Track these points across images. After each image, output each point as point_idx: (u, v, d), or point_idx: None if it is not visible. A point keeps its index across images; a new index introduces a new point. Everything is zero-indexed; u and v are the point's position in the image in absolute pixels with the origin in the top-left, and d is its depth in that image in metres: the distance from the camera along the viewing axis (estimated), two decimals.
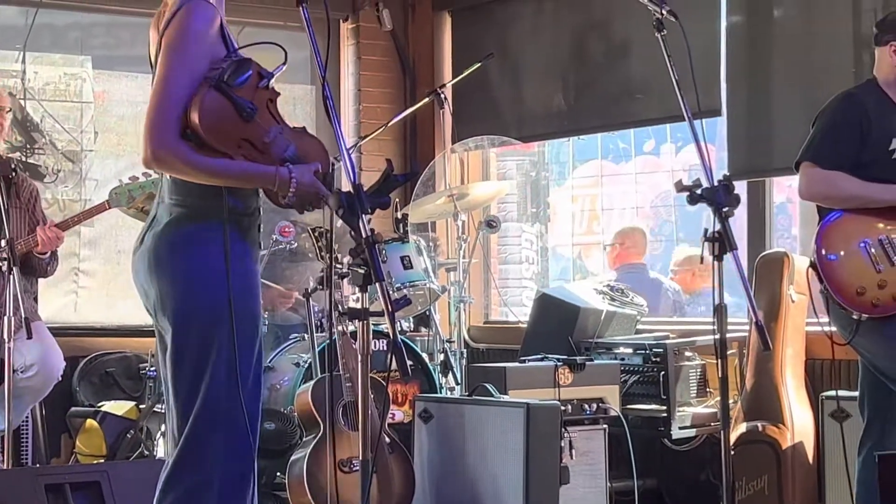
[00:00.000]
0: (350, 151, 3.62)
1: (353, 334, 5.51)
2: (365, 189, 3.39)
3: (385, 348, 6.13)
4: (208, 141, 3.43)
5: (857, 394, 5.05)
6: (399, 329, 3.76)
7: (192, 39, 3.49)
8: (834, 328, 4.84)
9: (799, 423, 5.94)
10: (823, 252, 4.75)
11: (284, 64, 3.68)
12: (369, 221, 3.38)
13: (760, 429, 5.93)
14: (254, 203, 3.66)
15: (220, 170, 3.48)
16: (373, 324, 3.47)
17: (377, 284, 3.31)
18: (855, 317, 4.70)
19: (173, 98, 3.43)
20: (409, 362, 4.06)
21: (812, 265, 4.80)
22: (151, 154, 3.44)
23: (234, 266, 3.54)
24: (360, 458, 3.45)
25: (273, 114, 3.60)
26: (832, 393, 5.55)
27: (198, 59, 3.48)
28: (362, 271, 3.34)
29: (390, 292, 3.50)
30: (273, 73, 3.62)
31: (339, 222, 5.65)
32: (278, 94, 3.66)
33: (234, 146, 3.48)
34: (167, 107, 3.43)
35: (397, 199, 6.54)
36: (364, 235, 3.33)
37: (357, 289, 3.45)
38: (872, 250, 4.71)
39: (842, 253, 4.74)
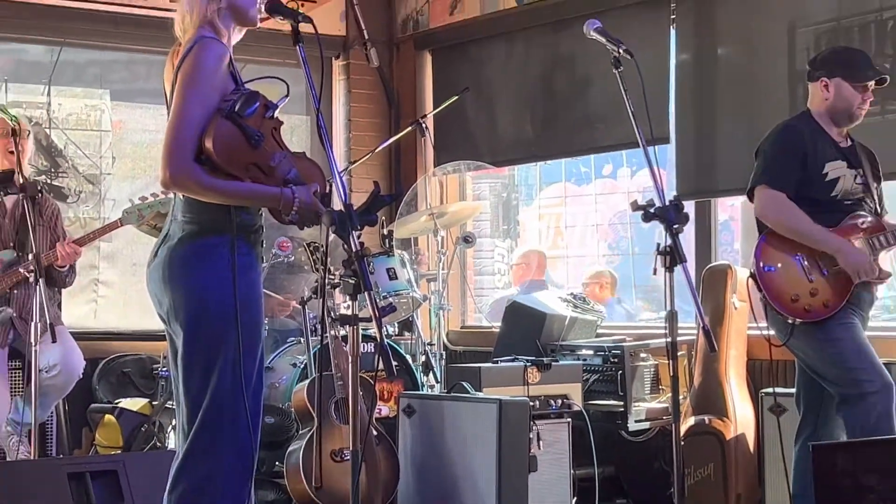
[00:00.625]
0: (341, 174, 3.62)
1: (344, 338, 5.52)
2: (355, 208, 3.41)
3: (373, 350, 6.12)
4: (220, 165, 3.45)
5: (793, 391, 5.07)
6: (385, 333, 3.76)
7: (205, 74, 3.51)
8: (772, 332, 4.86)
9: (741, 416, 5.95)
10: (762, 265, 4.78)
11: (287, 96, 3.70)
12: (359, 237, 3.39)
13: (707, 422, 5.93)
14: (258, 220, 3.67)
15: (231, 191, 3.51)
16: (362, 328, 3.47)
17: (366, 293, 3.32)
18: (790, 321, 4.73)
19: (188, 126, 3.45)
20: (394, 363, 4.08)
21: (752, 276, 4.84)
22: (170, 177, 3.46)
23: (240, 277, 3.54)
24: (351, 448, 3.46)
25: (277, 140, 3.63)
26: (770, 390, 5.55)
27: (210, 91, 3.50)
28: (353, 281, 3.35)
29: (377, 300, 3.49)
30: (277, 105, 3.64)
31: (331, 237, 5.63)
32: (281, 122, 3.68)
33: (243, 170, 3.50)
34: (183, 134, 3.45)
35: (383, 218, 6.55)
36: (354, 249, 3.34)
37: (348, 297, 3.46)
38: (805, 263, 4.74)
39: (778, 265, 4.76)
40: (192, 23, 3.62)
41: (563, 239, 10.27)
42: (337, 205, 3.48)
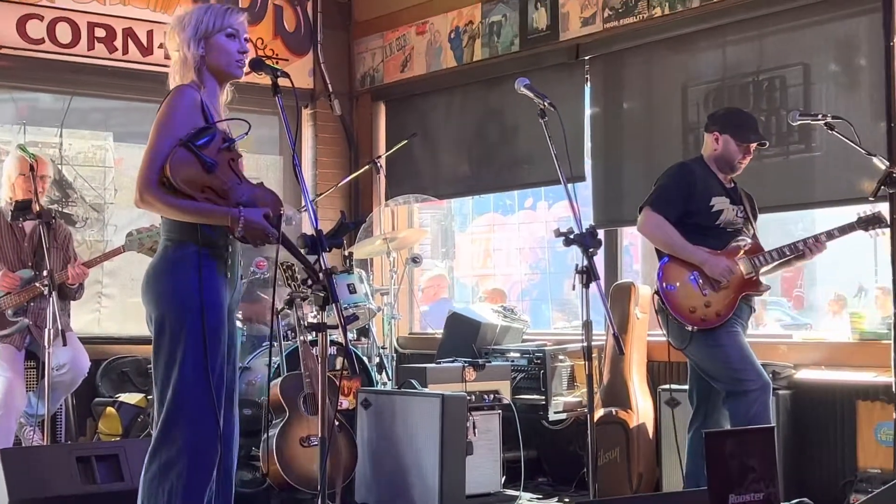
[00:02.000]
0: (312, 204, 3.59)
1: (312, 342, 5.48)
2: (324, 233, 3.38)
3: (335, 353, 6.08)
4: (178, 186, 3.42)
5: (685, 387, 5.08)
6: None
7: (174, 114, 3.51)
8: (669, 339, 4.86)
9: (642, 408, 5.97)
10: (664, 284, 4.81)
11: (246, 133, 3.65)
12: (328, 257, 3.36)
13: (614, 413, 5.94)
14: (224, 238, 3.55)
15: (186, 208, 3.47)
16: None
17: (333, 304, 3.29)
18: (689, 329, 4.75)
19: (155, 156, 3.45)
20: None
21: (656, 293, 4.86)
22: (139, 196, 3.48)
23: (204, 284, 3.48)
24: (319, 435, 3.43)
25: (234, 169, 3.55)
26: (667, 386, 5.60)
27: (178, 128, 3.48)
28: (322, 294, 3.32)
29: (343, 310, 3.44)
30: (234, 140, 3.59)
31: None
32: (240, 155, 3.63)
33: (199, 191, 3.45)
34: (150, 163, 3.46)
35: (345, 241, 6.51)
36: (324, 267, 3.31)
37: (316, 308, 3.43)
38: (700, 280, 4.77)
39: (678, 283, 4.79)
40: (180, 77, 3.64)
41: (491, 260, 10.30)
42: (309, 230, 3.45)
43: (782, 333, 6.07)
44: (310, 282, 3.31)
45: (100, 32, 7.13)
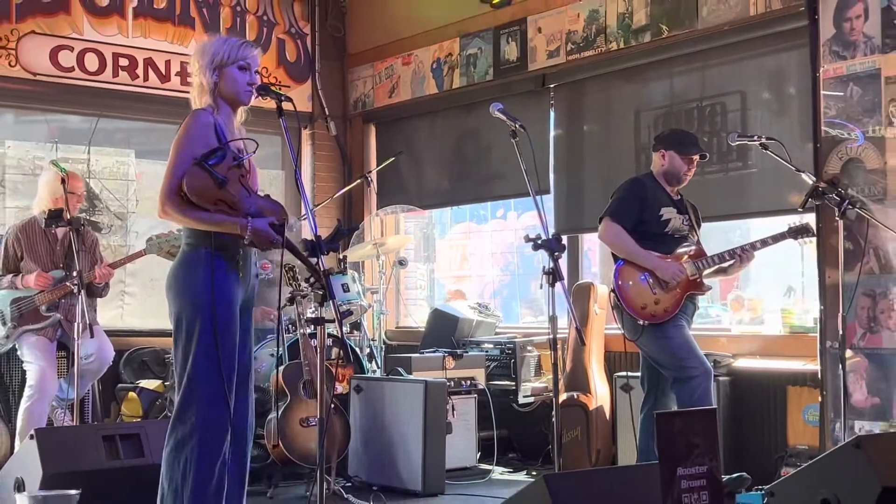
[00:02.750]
0: (312, 213, 3.59)
1: (311, 335, 5.47)
2: (322, 238, 3.38)
3: (332, 344, 6.07)
4: (193, 200, 3.45)
5: (639, 374, 5.10)
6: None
7: (190, 135, 3.53)
8: (623, 331, 4.87)
9: (600, 393, 5.98)
10: (620, 283, 4.81)
11: (255, 151, 3.67)
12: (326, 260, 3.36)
13: (576, 397, 5.95)
14: (235, 242, 3.55)
15: (200, 218, 3.50)
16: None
17: (331, 301, 3.29)
18: (640, 323, 4.76)
19: (174, 174, 3.49)
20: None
21: (612, 291, 4.86)
22: (161, 208, 3.51)
23: (216, 283, 3.50)
24: (317, 416, 3.42)
25: (243, 184, 3.56)
26: (622, 374, 5.61)
27: (192, 147, 3.50)
28: (321, 292, 3.32)
29: (339, 307, 3.45)
30: (243, 157, 3.60)
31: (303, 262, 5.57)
32: (248, 171, 3.65)
33: (212, 203, 3.48)
34: (171, 180, 3.49)
35: (341, 246, 6.50)
36: (322, 269, 3.31)
37: (315, 304, 3.43)
38: (650, 280, 4.79)
39: (630, 283, 4.80)
40: (199, 100, 3.67)
41: (467, 263, 10.29)
42: (309, 236, 3.45)
43: (722, 327, 6.08)
44: (312, 280, 3.31)
45: (123, 62, 7.11)
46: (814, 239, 4.84)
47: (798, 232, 4.76)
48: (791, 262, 6.33)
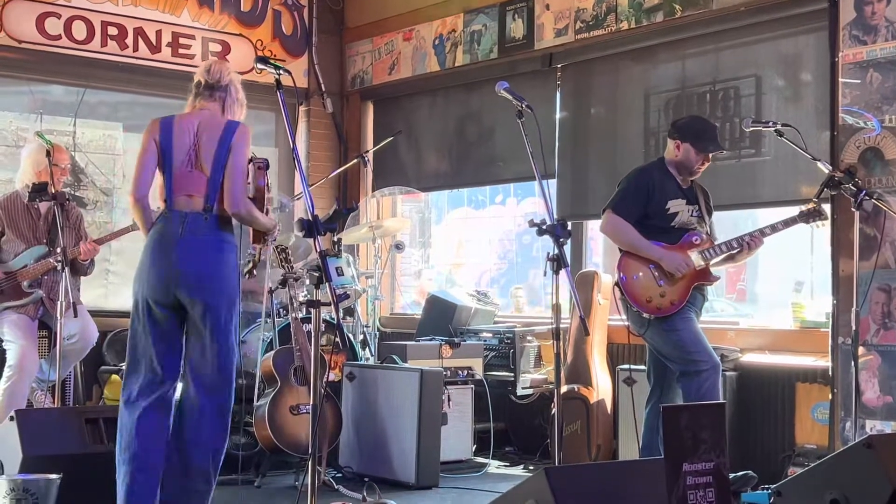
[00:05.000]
0: (304, 193, 3.58)
1: (304, 319, 5.46)
2: (319, 219, 3.37)
3: (324, 330, 6.06)
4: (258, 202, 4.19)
5: (642, 367, 5.10)
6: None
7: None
8: (629, 324, 4.86)
9: (602, 386, 5.98)
10: (624, 276, 4.80)
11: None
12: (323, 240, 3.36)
13: (576, 389, 5.95)
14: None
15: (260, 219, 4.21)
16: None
17: (327, 284, 3.28)
18: (645, 317, 4.75)
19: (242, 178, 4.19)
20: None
21: (616, 284, 4.85)
22: (246, 212, 4.14)
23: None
24: (310, 404, 3.42)
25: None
26: (625, 366, 5.61)
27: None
28: (317, 274, 3.31)
29: (335, 290, 3.46)
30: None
31: (292, 241, 5.59)
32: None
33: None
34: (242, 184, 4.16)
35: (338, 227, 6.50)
36: (318, 250, 3.30)
37: (309, 287, 3.43)
38: (656, 272, 4.77)
39: (636, 276, 4.79)
40: (240, 115, 4.25)
41: (464, 249, 10.29)
42: (305, 215, 3.44)
43: (730, 321, 6.09)
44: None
45: (112, 31, 7.07)
46: (827, 222, 4.79)
47: (810, 215, 4.72)
48: (800, 254, 6.34)
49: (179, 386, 4.09)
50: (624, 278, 4.79)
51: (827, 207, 4.90)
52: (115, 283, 7.14)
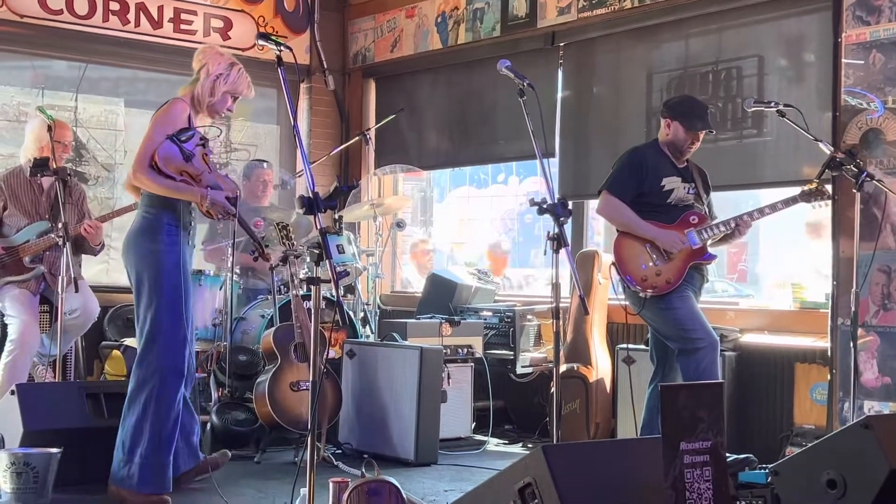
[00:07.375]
0: (309, 169, 3.57)
1: (304, 297, 5.47)
2: (320, 195, 3.36)
3: (324, 307, 6.07)
4: (161, 167, 4.09)
5: (641, 346, 5.12)
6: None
7: (168, 116, 4.18)
8: (627, 303, 4.88)
9: (601, 365, 6.00)
10: (620, 255, 4.82)
11: (219, 135, 4.23)
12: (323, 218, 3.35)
13: (576, 368, 5.96)
14: (188, 212, 4.20)
15: (168, 185, 4.12)
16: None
17: (327, 261, 3.28)
18: (642, 295, 4.77)
19: (150, 145, 4.12)
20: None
21: (613, 263, 4.86)
22: (134, 174, 4.16)
23: (178, 246, 4.15)
24: (310, 380, 3.42)
25: (206, 162, 4.22)
26: (624, 346, 5.63)
27: (168, 126, 4.13)
28: (317, 251, 3.31)
29: (335, 267, 3.49)
30: (208, 140, 4.28)
31: (293, 218, 5.59)
32: (211, 151, 4.34)
33: (178, 174, 4.13)
34: (146, 150, 4.12)
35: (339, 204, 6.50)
36: (319, 227, 3.30)
37: (309, 264, 3.46)
38: (652, 252, 4.79)
39: (630, 255, 4.81)
40: (189, 90, 4.29)
41: (466, 228, 10.32)
42: (305, 192, 3.44)
43: (730, 301, 6.10)
44: (256, 255, 4.33)
45: (114, 6, 7.05)
46: (829, 202, 4.80)
47: (811, 195, 4.71)
48: (800, 235, 6.35)
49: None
50: (620, 257, 4.80)
51: (828, 188, 4.90)
52: (115, 259, 7.11)
